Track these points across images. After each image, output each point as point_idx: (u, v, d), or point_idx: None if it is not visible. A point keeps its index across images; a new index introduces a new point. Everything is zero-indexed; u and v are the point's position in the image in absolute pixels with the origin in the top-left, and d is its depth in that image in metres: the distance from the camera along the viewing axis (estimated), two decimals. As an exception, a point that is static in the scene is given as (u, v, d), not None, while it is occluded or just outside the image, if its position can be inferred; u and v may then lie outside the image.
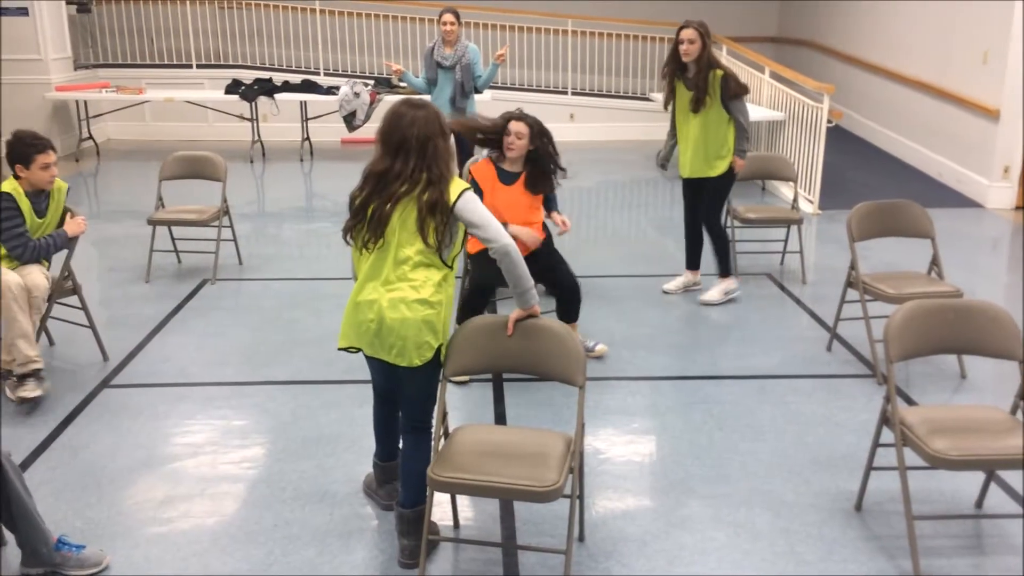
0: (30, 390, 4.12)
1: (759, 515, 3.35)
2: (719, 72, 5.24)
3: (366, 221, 2.92)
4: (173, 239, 6.28)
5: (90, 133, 10.38)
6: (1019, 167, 7.90)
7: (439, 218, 2.88)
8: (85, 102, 10.24)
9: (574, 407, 4.10)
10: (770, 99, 8.97)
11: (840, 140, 9.67)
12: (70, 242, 4.48)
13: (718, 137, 5.35)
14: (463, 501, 3.36)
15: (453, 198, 2.90)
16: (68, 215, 4.51)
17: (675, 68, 5.38)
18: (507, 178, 4.50)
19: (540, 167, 4.50)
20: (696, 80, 5.27)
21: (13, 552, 3.02)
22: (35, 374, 4.15)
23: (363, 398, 4.28)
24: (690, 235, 5.71)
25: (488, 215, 2.96)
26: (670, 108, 5.58)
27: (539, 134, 4.45)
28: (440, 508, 3.24)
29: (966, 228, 7.34)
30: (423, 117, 2.91)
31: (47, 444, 3.85)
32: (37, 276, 4.28)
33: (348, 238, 3.01)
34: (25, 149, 4.20)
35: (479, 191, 4.43)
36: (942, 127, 8.71)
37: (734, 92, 5.26)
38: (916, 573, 2.96)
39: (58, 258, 4.52)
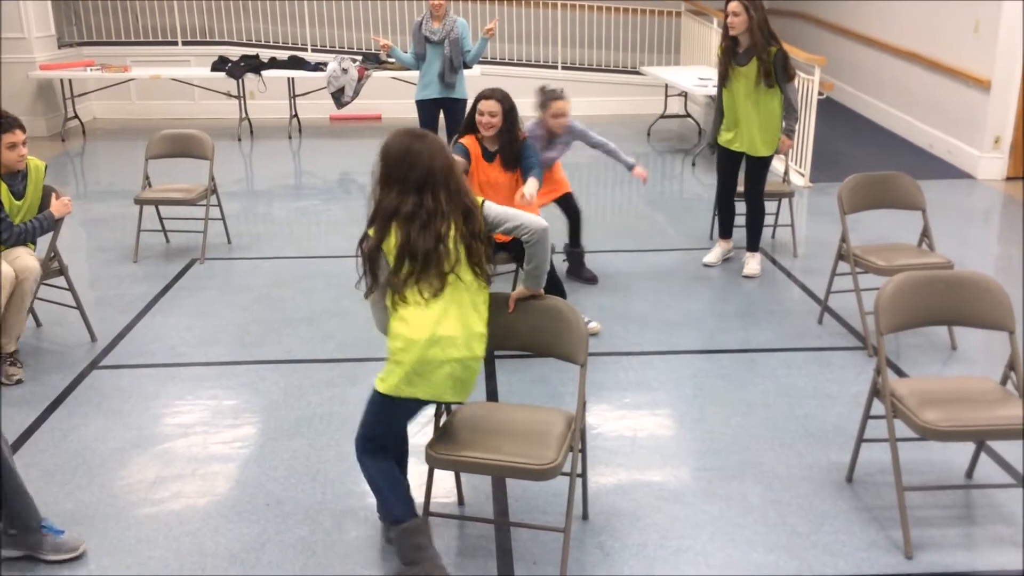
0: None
1: (751, 488, 3.35)
2: (773, 49, 5.17)
3: (417, 270, 2.70)
4: (161, 218, 6.23)
5: (75, 112, 10.28)
6: (1010, 138, 7.89)
7: (486, 241, 2.80)
8: (70, 81, 10.13)
9: (569, 384, 4.11)
10: (761, 71, 8.91)
11: (831, 112, 9.64)
12: (56, 223, 4.44)
13: (775, 114, 5.33)
14: (455, 477, 3.36)
15: (480, 212, 2.83)
16: (53, 196, 4.45)
17: (728, 45, 5.26)
18: (488, 156, 4.49)
19: (510, 143, 4.46)
20: (756, 54, 5.15)
21: None
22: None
23: (354, 377, 4.27)
24: (726, 205, 5.75)
25: (511, 209, 2.91)
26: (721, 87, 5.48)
27: (510, 109, 4.42)
28: (441, 484, 3.24)
29: (957, 199, 7.34)
30: (437, 147, 2.76)
31: (36, 426, 3.83)
32: (27, 259, 4.24)
33: (390, 296, 2.74)
34: None
35: (464, 152, 4.43)
36: (933, 98, 8.69)
37: (790, 73, 5.24)
38: (907, 543, 2.97)
39: (43, 239, 4.47)
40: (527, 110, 4.46)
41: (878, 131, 9.58)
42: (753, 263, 5.63)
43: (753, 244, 5.68)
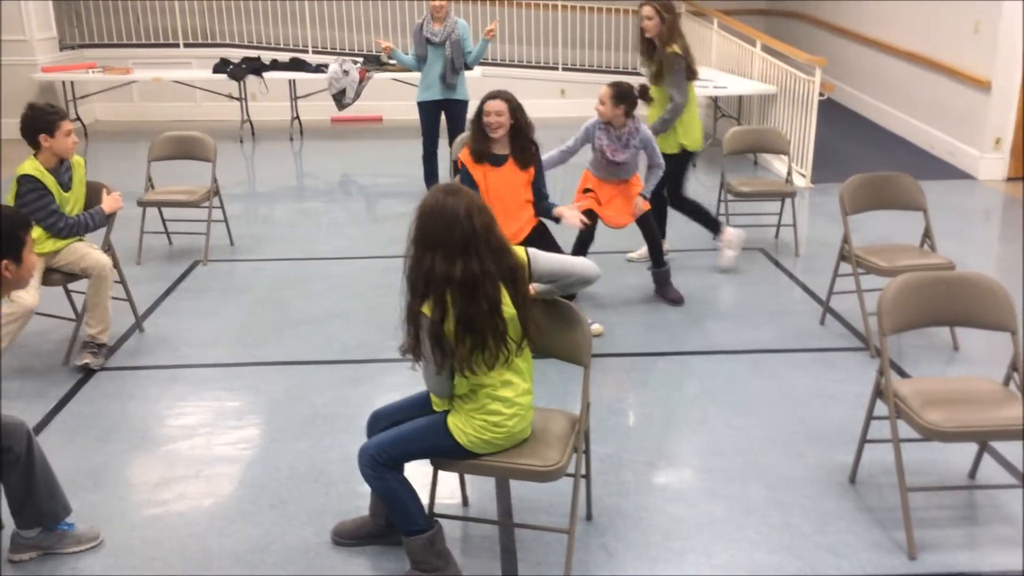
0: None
1: (753, 489, 3.36)
2: (669, 50, 5.32)
3: (480, 343, 2.61)
4: (164, 220, 6.25)
5: (77, 114, 10.29)
6: (1010, 138, 7.89)
7: (530, 303, 2.72)
8: (72, 83, 10.14)
9: (570, 384, 4.12)
10: (761, 72, 8.93)
11: (832, 113, 9.64)
12: (108, 219, 4.54)
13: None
14: (459, 479, 3.36)
15: (528, 268, 2.74)
16: (104, 191, 4.56)
17: (645, 48, 5.49)
18: (497, 161, 4.45)
19: (522, 141, 4.43)
20: (658, 56, 5.37)
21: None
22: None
23: (357, 378, 4.28)
24: (683, 209, 5.73)
25: (564, 257, 2.85)
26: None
27: (516, 108, 4.38)
28: (445, 485, 3.24)
29: (958, 200, 7.34)
30: (475, 204, 2.61)
31: (41, 427, 3.84)
32: (95, 254, 4.37)
33: (462, 368, 2.64)
34: (48, 117, 4.22)
35: (470, 180, 4.37)
36: (933, 99, 8.69)
37: (675, 67, 5.31)
38: (910, 544, 2.98)
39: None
40: (527, 111, 4.44)
41: (879, 132, 9.58)
42: (726, 253, 5.69)
43: (713, 231, 5.73)
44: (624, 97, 4.82)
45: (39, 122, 4.20)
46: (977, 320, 3.22)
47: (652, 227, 5.16)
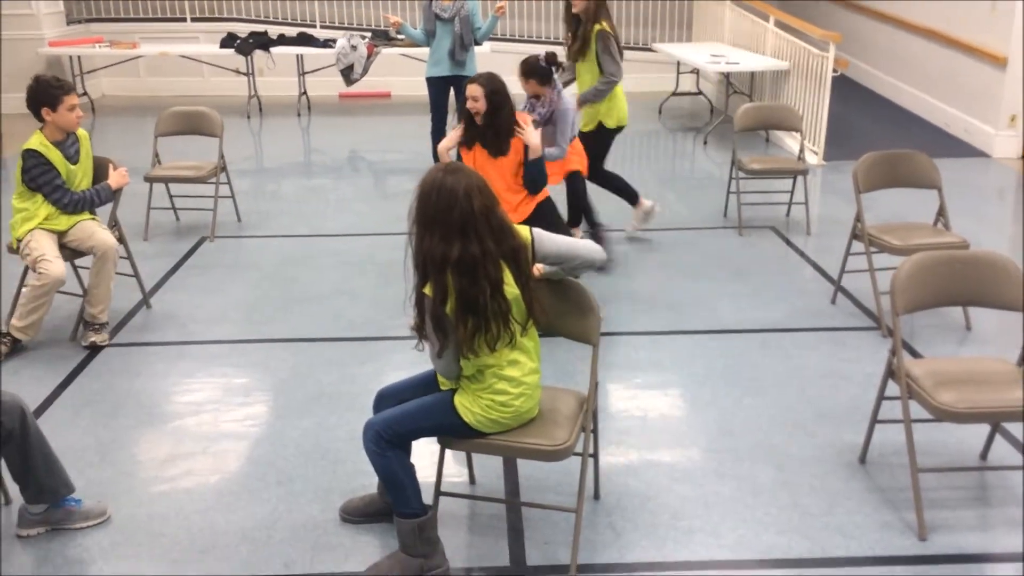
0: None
1: (762, 469, 3.34)
2: (597, 27, 5.31)
3: (482, 325, 2.57)
4: (171, 196, 6.22)
5: (84, 89, 10.24)
6: (1026, 116, 7.79)
7: (535, 283, 2.70)
8: (79, 57, 10.09)
9: (578, 363, 4.09)
10: (775, 48, 8.82)
11: (845, 90, 9.53)
12: (114, 194, 4.53)
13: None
14: (466, 458, 3.35)
15: (531, 248, 2.70)
16: (110, 167, 4.55)
17: (569, 23, 5.50)
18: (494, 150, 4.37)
19: (494, 127, 4.27)
20: (581, 31, 5.38)
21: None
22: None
23: (364, 355, 4.26)
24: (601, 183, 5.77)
25: (570, 239, 2.81)
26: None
27: (493, 91, 4.21)
28: (452, 464, 3.23)
29: (972, 178, 7.26)
30: (474, 184, 2.56)
31: (48, 404, 3.84)
32: (103, 234, 4.37)
33: (464, 350, 2.61)
34: (52, 91, 4.20)
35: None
36: (949, 75, 8.58)
37: (607, 44, 5.33)
38: (920, 525, 2.95)
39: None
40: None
41: (893, 109, 9.48)
42: (633, 222, 5.78)
43: (631, 200, 5.81)
44: (531, 72, 4.80)
45: (42, 95, 4.19)
46: (991, 300, 3.17)
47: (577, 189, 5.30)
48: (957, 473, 3.30)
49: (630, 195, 5.81)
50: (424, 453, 3.07)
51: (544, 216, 4.40)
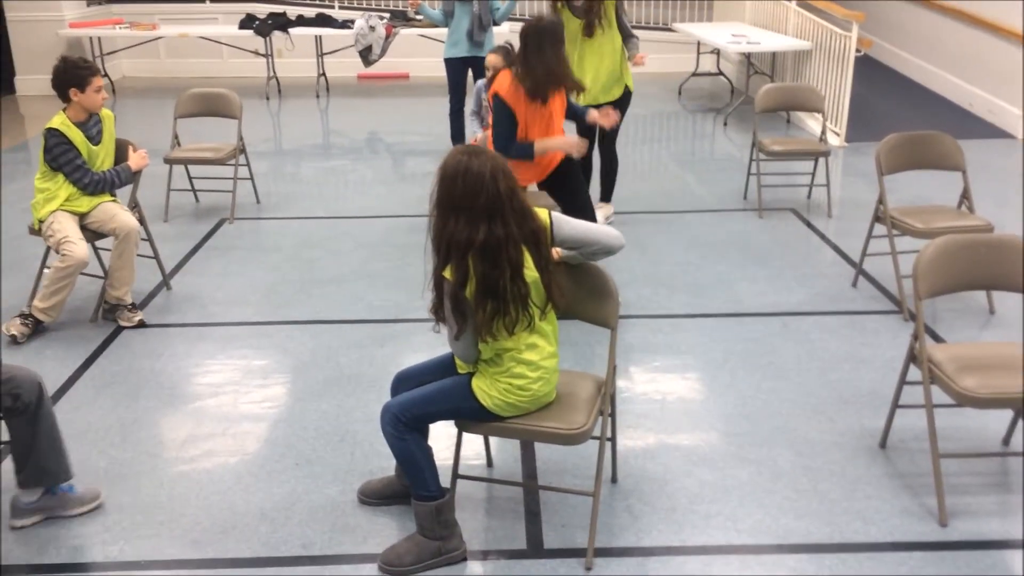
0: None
1: (781, 453, 3.32)
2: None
3: (502, 309, 2.56)
4: (190, 178, 6.24)
5: (105, 70, 10.26)
6: (1053, 96, 7.66)
7: (553, 266, 2.68)
8: (99, 39, 10.12)
9: (596, 347, 4.08)
10: (797, 28, 8.71)
11: (868, 70, 9.40)
12: (134, 176, 4.55)
13: (613, 63, 5.39)
14: (484, 440, 3.35)
15: (549, 232, 2.68)
16: (130, 148, 4.58)
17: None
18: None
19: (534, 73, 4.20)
20: (587, 6, 5.24)
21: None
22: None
23: (383, 337, 4.27)
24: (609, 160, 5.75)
25: (589, 224, 2.77)
26: None
27: (507, 54, 4.59)
28: (469, 446, 3.24)
29: (997, 160, 7.16)
30: (499, 166, 2.54)
31: (69, 384, 3.87)
32: (124, 216, 4.39)
33: (483, 333, 2.60)
34: (80, 72, 4.23)
35: (511, 114, 4.19)
36: (974, 56, 8.45)
37: (621, 12, 5.36)
38: (941, 510, 2.93)
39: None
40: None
41: (918, 90, 9.34)
42: (599, 215, 5.58)
43: (607, 194, 5.77)
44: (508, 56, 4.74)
45: (71, 76, 4.21)
46: (1016, 284, 3.12)
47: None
48: (979, 459, 3.27)
49: (609, 189, 5.78)
50: (441, 436, 3.07)
51: (570, 173, 4.49)
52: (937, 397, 3.00)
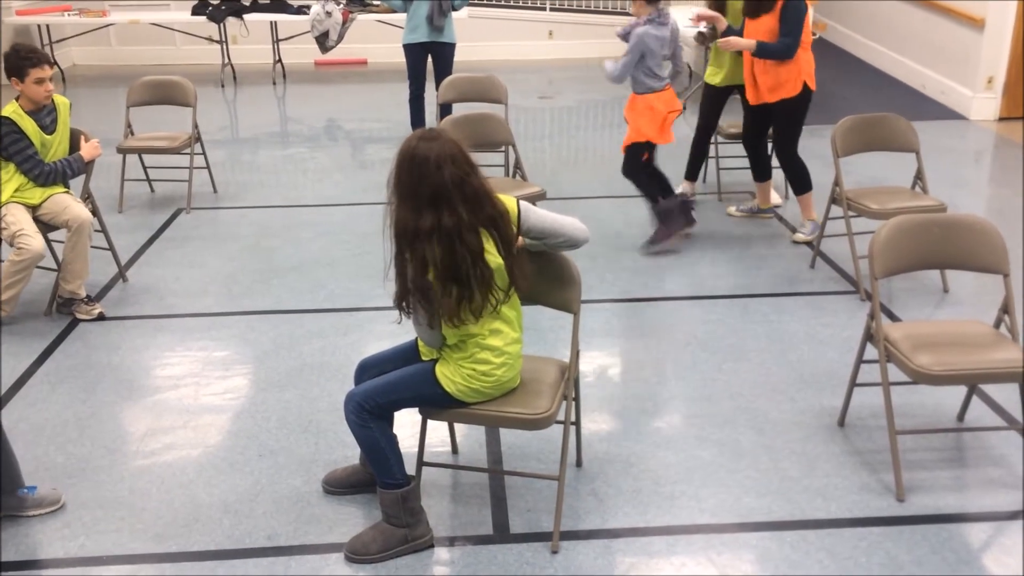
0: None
1: (743, 433, 3.37)
2: None
3: (466, 294, 2.55)
4: (144, 167, 6.14)
5: (54, 59, 10.03)
6: (1003, 78, 7.80)
7: (515, 251, 2.65)
8: (47, 26, 9.87)
9: (559, 331, 4.09)
10: (753, 12, 8.76)
11: (823, 53, 9.48)
12: (87, 166, 4.47)
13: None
14: (448, 427, 3.35)
15: (516, 220, 2.66)
16: (82, 138, 4.50)
17: None
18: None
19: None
20: None
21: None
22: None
23: (345, 326, 4.25)
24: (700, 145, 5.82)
25: (556, 216, 2.75)
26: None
27: None
28: (434, 433, 3.23)
29: (950, 141, 7.28)
30: (446, 153, 2.50)
31: (24, 380, 3.80)
32: (77, 208, 4.31)
33: (451, 319, 2.59)
34: (19, 62, 4.14)
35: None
36: (926, 38, 8.57)
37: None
38: (898, 486, 2.99)
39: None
40: (513, 53, 4.34)
41: (872, 72, 9.47)
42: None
43: (690, 171, 5.83)
44: None
45: (10, 65, 4.14)
46: (969, 263, 3.19)
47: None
48: (934, 435, 3.34)
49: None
50: (406, 423, 3.07)
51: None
52: (893, 375, 3.06)
